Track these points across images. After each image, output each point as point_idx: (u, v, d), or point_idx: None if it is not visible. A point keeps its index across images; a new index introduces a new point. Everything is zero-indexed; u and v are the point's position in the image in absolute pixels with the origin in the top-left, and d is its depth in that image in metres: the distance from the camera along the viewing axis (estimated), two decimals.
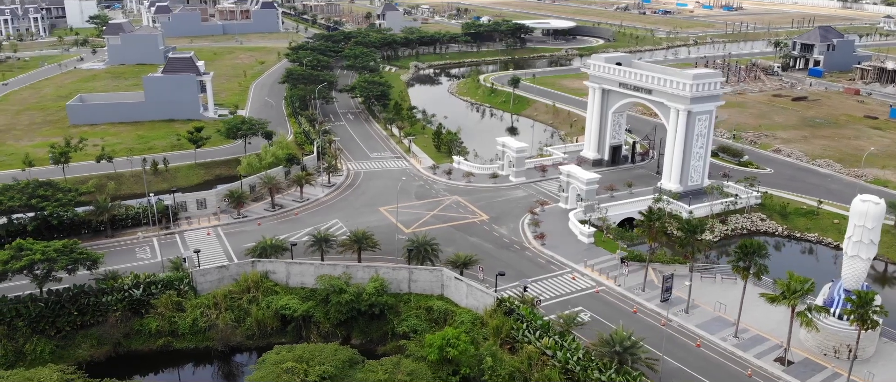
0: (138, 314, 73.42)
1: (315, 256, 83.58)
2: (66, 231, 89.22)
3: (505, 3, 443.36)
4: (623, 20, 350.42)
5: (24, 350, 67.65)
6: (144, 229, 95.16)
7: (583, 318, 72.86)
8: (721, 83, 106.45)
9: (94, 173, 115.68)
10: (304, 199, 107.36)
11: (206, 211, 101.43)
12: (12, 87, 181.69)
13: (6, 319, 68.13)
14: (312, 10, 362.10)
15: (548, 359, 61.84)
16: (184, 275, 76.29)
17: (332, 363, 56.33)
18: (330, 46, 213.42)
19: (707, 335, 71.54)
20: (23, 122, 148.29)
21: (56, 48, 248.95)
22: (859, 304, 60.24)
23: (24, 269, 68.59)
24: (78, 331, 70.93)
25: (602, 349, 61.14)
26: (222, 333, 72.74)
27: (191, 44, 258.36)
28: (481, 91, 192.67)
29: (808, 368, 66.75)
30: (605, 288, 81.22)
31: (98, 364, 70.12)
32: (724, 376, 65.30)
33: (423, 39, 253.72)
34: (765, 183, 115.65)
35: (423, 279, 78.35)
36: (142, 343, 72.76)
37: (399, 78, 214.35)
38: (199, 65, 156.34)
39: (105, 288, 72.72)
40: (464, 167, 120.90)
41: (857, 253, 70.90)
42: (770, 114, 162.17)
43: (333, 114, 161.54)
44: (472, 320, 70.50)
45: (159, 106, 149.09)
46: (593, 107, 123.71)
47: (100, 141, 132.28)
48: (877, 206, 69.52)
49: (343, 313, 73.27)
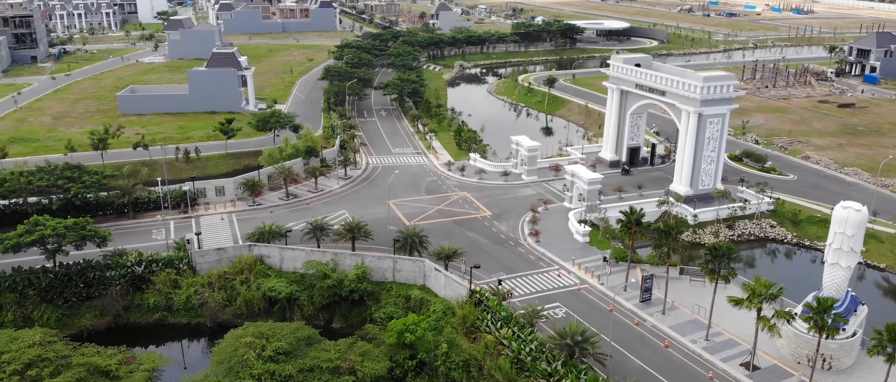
0: (139, 289, 79.03)
1: (312, 243, 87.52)
2: (91, 211, 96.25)
3: (565, 3, 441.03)
4: (683, 22, 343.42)
5: (32, 316, 74.03)
6: (163, 213, 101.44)
7: (555, 313, 74.25)
8: (734, 86, 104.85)
9: (130, 159, 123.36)
10: (318, 190, 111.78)
11: (224, 197, 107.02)
12: (75, 78, 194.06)
13: (18, 287, 74.73)
14: (371, 10, 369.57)
15: (503, 349, 63.60)
16: (183, 255, 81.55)
17: (287, 340, 59.87)
18: (376, 45, 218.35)
19: (678, 336, 71.61)
20: (78, 110, 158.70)
21: (123, 42, 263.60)
22: (817, 311, 59.47)
23: (36, 243, 74.88)
24: (83, 302, 76.96)
25: (556, 341, 62.42)
26: (212, 311, 77.53)
27: (249, 40, 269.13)
28: (519, 91, 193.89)
29: (773, 374, 66.12)
30: (587, 286, 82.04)
31: (99, 332, 75.94)
32: (685, 377, 65.44)
33: (471, 39, 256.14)
34: (785, 189, 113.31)
35: (407, 269, 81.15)
36: (140, 316, 78.32)
37: (441, 77, 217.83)
38: (242, 60, 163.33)
39: (110, 264, 78.62)
40: (479, 164, 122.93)
41: (837, 261, 69.65)
42: (810, 120, 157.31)
43: (368, 110, 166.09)
44: (444, 309, 72.73)
45: (202, 98, 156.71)
46: (611, 108, 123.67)
47: (142, 129, 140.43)
48: (858, 213, 68.10)
49: (325, 297, 76.85)
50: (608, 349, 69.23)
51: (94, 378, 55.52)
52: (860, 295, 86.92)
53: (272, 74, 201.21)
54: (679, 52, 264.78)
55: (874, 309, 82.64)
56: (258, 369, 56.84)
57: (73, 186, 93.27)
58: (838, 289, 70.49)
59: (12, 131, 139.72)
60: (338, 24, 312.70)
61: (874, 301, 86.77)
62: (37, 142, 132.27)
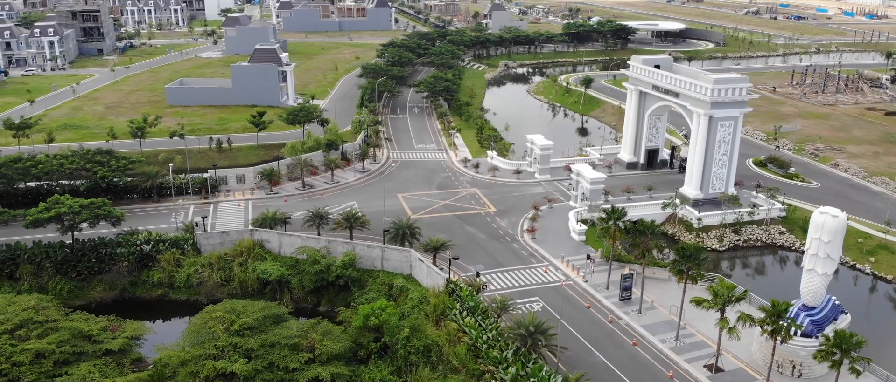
0: (146, 266, 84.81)
1: (312, 230, 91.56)
2: (119, 194, 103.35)
3: (626, 4, 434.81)
4: (746, 24, 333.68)
5: (46, 286, 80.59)
6: (185, 198, 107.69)
7: (532, 307, 75.88)
8: (747, 89, 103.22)
9: (166, 147, 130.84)
10: (334, 182, 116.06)
11: (244, 186, 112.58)
12: (133, 71, 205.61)
13: (36, 260, 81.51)
14: (429, 10, 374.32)
15: (463, 336, 65.73)
16: (188, 237, 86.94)
17: (254, 317, 63.79)
18: (421, 44, 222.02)
19: (648, 335, 72.02)
20: (130, 101, 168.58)
21: (186, 38, 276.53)
22: (771, 314, 59.18)
23: (54, 220, 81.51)
24: (94, 276, 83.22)
25: (512, 331, 64.12)
26: (209, 289, 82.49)
27: (305, 38, 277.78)
28: (556, 91, 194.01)
29: (736, 378, 65.89)
30: (571, 282, 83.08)
31: (107, 304, 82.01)
32: (645, 374, 65.99)
33: (519, 39, 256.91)
34: (804, 196, 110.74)
35: (394, 258, 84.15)
36: (145, 291, 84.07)
37: (483, 76, 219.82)
38: (284, 56, 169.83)
39: (121, 242, 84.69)
40: (495, 162, 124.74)
41: (814, 267, 68.70)
42: (852, 127, 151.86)
43: (402, 107, 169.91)
44: (421, 297, 75.27)
45: (244, 92, 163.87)
46: (630, 109, 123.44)
47: (184, 120, 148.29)
48: (834, 219, 67.05)
49: (313, 281, 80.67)
50: (575, 344, 70.61)
51: (76, 341, 60.87)
52: (861, 306, 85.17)
53: (319, 71, 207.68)
54: (734, 55, 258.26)
55: (870, 321, 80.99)
56: (223, 341, 60.95)
57: (100, 169, 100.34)
58: (815, 296, 69.47)
59: (66, 118, 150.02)
60: (393, 23, 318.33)
61: (874, 311, 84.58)
62: (86, 129, 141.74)
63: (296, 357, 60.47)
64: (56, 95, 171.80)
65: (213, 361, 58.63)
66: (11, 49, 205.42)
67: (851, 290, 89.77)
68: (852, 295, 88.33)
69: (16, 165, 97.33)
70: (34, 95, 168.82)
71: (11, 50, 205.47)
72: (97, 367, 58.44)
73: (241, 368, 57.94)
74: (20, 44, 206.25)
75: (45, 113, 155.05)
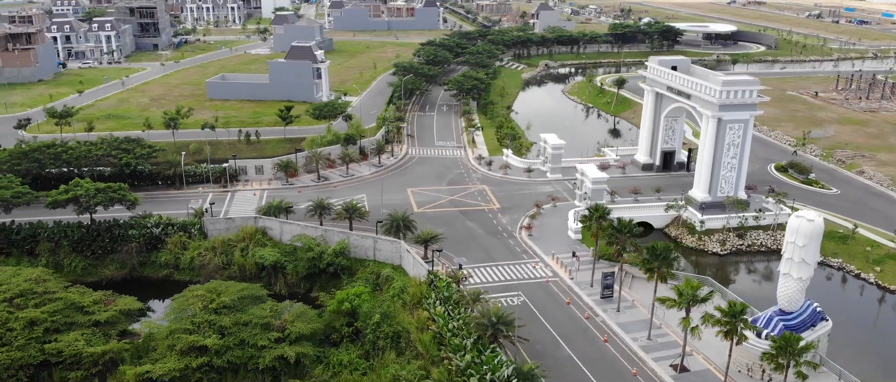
0: (154, 248, 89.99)
1: (314, 220, 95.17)
2: (143, 180, 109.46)
3: (684, 5, 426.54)
4: (806, 28, 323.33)
5: (62, 263, 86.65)
6: (205, 186, 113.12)
7: (512, 301, 77.46)
8: (757, 91, 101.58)
9: (197, 138, 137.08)
10: (349, 175, 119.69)
11: (263, 176, 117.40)
12: (183, 65, 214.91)
13: (55, 238, 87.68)
14: (480, 9, 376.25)
15: (432, 324, 67.88)
16: (196, 222, 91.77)
17: (232, 297, 67.54)
18: (460, 43, 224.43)
19: (622, 333, 72.56)
20: (174, 94, 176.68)
21: (240, 35, 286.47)
22: (728, 314, 59.20)
23: (72, 201, 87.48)
24: (107, 255, 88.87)
25: (477, 320, 65.85)
26: (210, 272, 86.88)
27: (353, 37, 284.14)
28: (591, 91, 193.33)
29: (701, 378, 65.87)
30: (558, 279, 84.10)
31: (117, 281, 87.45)
32: (608, 370, 66.71)
33: (561, 38, 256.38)
34: (821, 203, 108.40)
35: (385, 249, 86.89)
36: (152, 271, 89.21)
37: (520, 76, 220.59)
38: (318, 54, 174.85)
39: (133, 224, 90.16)
40: (511, 160, 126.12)
41: (789, 272, 68.25)
42: (889, 134, 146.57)
43: (431, 104, 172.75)
44: (403, 286, 77.78)
45: (280, 87, 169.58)
46: (646, 110, 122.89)
47: (220, 113, 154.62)
48: (809, 224, 66.38)
49: (306, 268, 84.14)
50: (546, 337, 71.88)
51: (69, 311, 65.82)
52: (857, 313, 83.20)
53: (358, 69, 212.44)
54: (785, 59, 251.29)
55: (861, 330, 79.26)
56: (200, 318, 64.87)
57: (125, 157, 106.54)
58: (790, 301, 68.90)
59: (111, 108, 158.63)
60: (441, 22, 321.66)
61: (867, 320, 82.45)
62: (127, 120, 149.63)
63: (266, 335, 63.89)
64: (106, 87, 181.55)
65: (188, 335, 62.58)
66: (71, 42, 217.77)
67: (853, 299, 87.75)
68: (851, 303, 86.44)
69: (48, 150, 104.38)
70: (86, 87, 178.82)
71: (71, 43, 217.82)
72: (84, 336, 63.14)
73: (212, 343, 61.70)
74: (79, 37, 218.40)
75: (94, 103, 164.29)
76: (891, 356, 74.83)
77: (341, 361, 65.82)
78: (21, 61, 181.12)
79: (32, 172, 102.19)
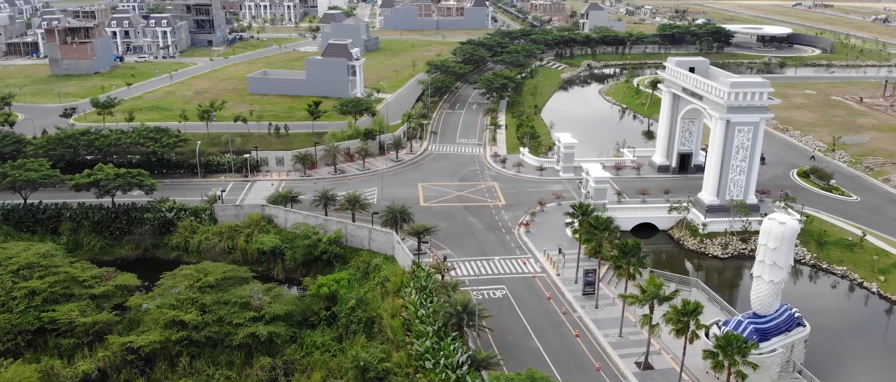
0: (167, 231, 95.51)
1: (319, 210, 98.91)
2: (170, 168, 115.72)
3: (748, 7, 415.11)
4: (870, 32, 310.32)
5: (82, 242, 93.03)
6: (227, 175, 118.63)
7: (494, 294, 79.35)
8: (768, 94, 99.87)
9: (229, 130, 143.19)
10: (365, 169, 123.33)
11: (283, 167, 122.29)
12: (232, 61, 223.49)
13: (76, 219, 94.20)
14: (534, 8, 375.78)
15: (404, 311, 70.43)
16: (206, 208, 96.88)
17: (216, 277, 71.79)
18: (500, 42, 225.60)
19: (594, 329, 73.37)
20: (218, 88, 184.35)
21: (293, 33, 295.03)
22: (680, 313, 59.55)
23: (93, 185, 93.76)
24: (124, 236, 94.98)
25: (444, 309, 67.96)
26: (214, 255, 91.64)
27: (400, 36, 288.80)
28: (627, 92, 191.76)
29: (662, 376, 66.17)
30: (545, 275, 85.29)
31: (130, 261, 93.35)
32: (571, 364, 67.77)
33: (607, 39, 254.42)
34: (837, 210, 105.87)
35: (379, 239, 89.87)
36: (163, 252, 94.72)
37: (559, 75, 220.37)
38: (354, 51, 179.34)
39: (148, 208, 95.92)
40: (525, 158, 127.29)
41: (761, 275, 67.92)
42: None
43: (462, 102, 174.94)
44: (388, 275, 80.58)
45: (316, 83, 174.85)
46: (664, 111, 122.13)
47: (256, 107, 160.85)
48: (781, 226, 65.92)
49: (302, 255, 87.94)
50: (519, 329, 73.38)
51: (68, 284, 71.29)
52: (851, 324, 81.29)
53: (398, 67, 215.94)
54: (840, 63, 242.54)
55: (850, 338, 77.69)
56: (184, 295, 69.27)
57: (152, 145, 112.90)
58: (762, 304, 68.54)
59: (157, 100, 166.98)
60: (490, 22, 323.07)
61: (861, 329, 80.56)
62: (169, 111, 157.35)
63: (242, 314, 67.72)
64: (155, 80, 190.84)
65: (171, 310, 67.00)
66: (130, 37, 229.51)
67: (849, 307, 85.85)
68: (846, 311, 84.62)
69: (82, 137, 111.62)
70: (137, 79, 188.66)
71: (130, 38, 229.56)
72: (79, 307, 68.38)
73: (191, 318, 65.90)
74: (138, 33, 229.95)
75: (141, 95, 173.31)
76: (874, 366, 73.19)
77: (315, 342, 69.03)
78: (79, 54, 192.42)
79: (66, 157, 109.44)
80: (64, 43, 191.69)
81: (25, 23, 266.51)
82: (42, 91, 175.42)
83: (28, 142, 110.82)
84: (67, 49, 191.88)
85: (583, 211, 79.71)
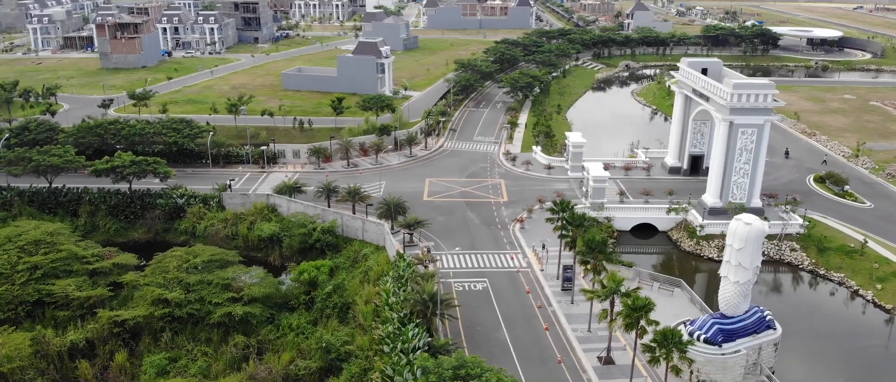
0: (177, 216, 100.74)
1: (321, 201, 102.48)
2: (192, 157, 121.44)
3: (806, 10, 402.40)
4: None
5: (98, 224, 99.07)
6: (245, 166, 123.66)
7: (475, 286, 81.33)
8: (772, 96, 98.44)
9: (256, 124, 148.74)
10: (378, 163, 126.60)
11: (299, 160, 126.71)
12: (273, 58, 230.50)
13: (95, 202, 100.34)
14: (582, 8, 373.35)
15: (378, 298, 73.08)
16: (215, 195, 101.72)
17: (202, 259, 76.00)
18: (535, 41, 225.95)
19: (564, 323, 74.42)
20: (255, 83, 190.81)
21: (338, 31, 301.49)
22: (630, 308, 60.28)
23: (110, 171, 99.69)
24: (137, 220, 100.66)
25: (412, 297, 70.27)
26: (218, 241, 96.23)
27: (441, 35, 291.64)
28: (658, 94, 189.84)
29: (621, 371, 66.76)
30: (529, 270, 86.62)
31: (141, 243, 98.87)
32: (534, 356, 69.08)
33: (647, 39, 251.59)
34: (847, 216, 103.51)
35: (372, 230, 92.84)
36: (172, 236, 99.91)
37: (593, 75, 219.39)
38: (384, 50, 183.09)
39: (161, 194, 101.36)
40: (537, 157, 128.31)
41: (727, 275, 68.03)
42: None
43: (487, 100, 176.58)
44: (372, 264, 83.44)
45: (346, 80, 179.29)
46: (676, 113, 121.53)
47: (286, 102, 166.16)
48: (746, 227, 66.01)
49: (298, 243, 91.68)
50: (491, 321, 75.06)
51: (69, 260, 76.72)
52: (835, 332, 79.88)
53: (431, 66, 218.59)
54: (890, 68, 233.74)
55: (829, 347, 76.58)
56: (172, 275, 73.68)
57: (173, 135, 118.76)
58: (728, 304, 68.64)
59: (194, 94, 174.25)
60: (533, 21, 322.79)
61: (846, 337, 79.16)
62: (204, 104, 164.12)
63: (222, 295, 71.63)
64: (198, 75, 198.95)
65: (157, 288, 71.42)
66: (179, 33, 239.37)
67: (840, 314, 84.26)
68: (835, 319, 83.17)
69: (110, 127, 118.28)
70: (180, 74, 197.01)
71: (179, 34, 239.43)
72: (76, 282, 73.56)
73: (174, 297, 70.18)
74: (187, 29, 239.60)
75: (181, 89, 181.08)
76: (846, 374, 72.12)
77: (290, 324, 72.43)
78: (127, 49, 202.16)
79: (94, 145, 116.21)
80: (113, 38, 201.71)
81: (83, 18, 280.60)
82: (89, 83, 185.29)
83: (60, 129, 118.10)
84: (117, 43, 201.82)
85: (562, 207, 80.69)
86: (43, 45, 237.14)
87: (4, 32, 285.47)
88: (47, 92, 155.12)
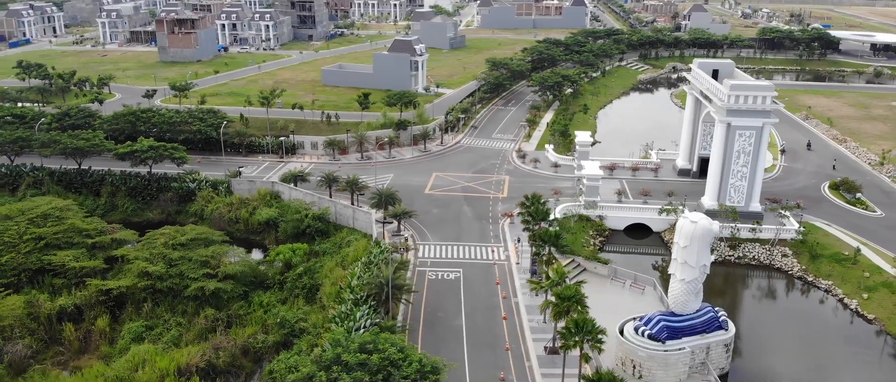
0: (189, 199, 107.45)
1: (323, 190, 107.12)
2: (215, 146, 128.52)
3: (880, 14, 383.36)
4: None
5: (117, 204, 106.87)
6: (264, 155, 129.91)
7: (449, 275, 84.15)
8: (771, 98, 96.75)
9: (286, 117, 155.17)
10: (391, 157, 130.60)
11: (317, 151, 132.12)
12: (322, 55, 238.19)
13: (115, 183, 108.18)
14: (644, 8, 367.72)
15: (344, 281, 76.88)
16: (224, 181, 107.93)
17: (187, 237, 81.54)
18: (580, 41, 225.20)
19: (524, 314, 76.16)
20: (297, 78, 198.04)
21: (392, 30, 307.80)
22: (561, 298, 61.77)
23: (129, 155, 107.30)
24: (153, 201, 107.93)
25: (372, 280, 73.58)
26: (222, 224, 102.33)
27: (492, 34, 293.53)
28: None
29: (565, 361, 68.13)
30: (506, 263, 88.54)
31: (155, 223, 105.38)
32: (484, 344, 71.15)
33: (698, 41, 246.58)
34: (853, 224, 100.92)
35: (361, 218, 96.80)
36: (183, 218, 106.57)
37: (635, 76, 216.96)
38: (419, 47, 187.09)
39: (175, 178, 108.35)
40: (549, 155, 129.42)
41: (674, 273, 68.48)
42: None
43: (516, 99, 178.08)
44: (350, 250, 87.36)
45: (382, 77, 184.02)
46: (687, 114, 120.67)
47: (322, 97, 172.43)
48: (691, 225, 66.35)
49: (292, 228, 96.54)
50: (454, 308, 77.57)
51: (71, 233, 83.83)
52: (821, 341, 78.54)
53: (469, 65, 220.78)
54: None
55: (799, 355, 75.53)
56: (158, 250, 79.56)
57: (197, 124, 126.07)
58: (678, 303, 69.07)
59: (238, 88, 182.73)
60: (588, 21, 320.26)
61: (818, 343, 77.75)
62: (243, 97, 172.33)
63: (199, 270, 76.92)
64: (247, 69, 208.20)
65: (142, 262, 77.40)
66: (236, 29, 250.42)
67: (819, 322, 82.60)
68: (813, 326, 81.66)
69: (142, 115, 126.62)
70: (230, 68, 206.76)
71: (236, 30, 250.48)
72: (74, 254, 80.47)
73: (155, 270, 75.97)
74: (243, 25, 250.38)
75: (227, 83, 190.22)
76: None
77: (261, 302, 77.07)
78: (183, 43, 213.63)
79: (126, 132, 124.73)
80: (171, 33, 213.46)
81: (151, 13, 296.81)
82: (144, 74, 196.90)
83: (98, 116, 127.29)
84: (174, 38, 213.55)
85: (532, 202, 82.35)
86: (111, 38, 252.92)
87: (80, 26, 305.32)
88: (101, 82, 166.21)
